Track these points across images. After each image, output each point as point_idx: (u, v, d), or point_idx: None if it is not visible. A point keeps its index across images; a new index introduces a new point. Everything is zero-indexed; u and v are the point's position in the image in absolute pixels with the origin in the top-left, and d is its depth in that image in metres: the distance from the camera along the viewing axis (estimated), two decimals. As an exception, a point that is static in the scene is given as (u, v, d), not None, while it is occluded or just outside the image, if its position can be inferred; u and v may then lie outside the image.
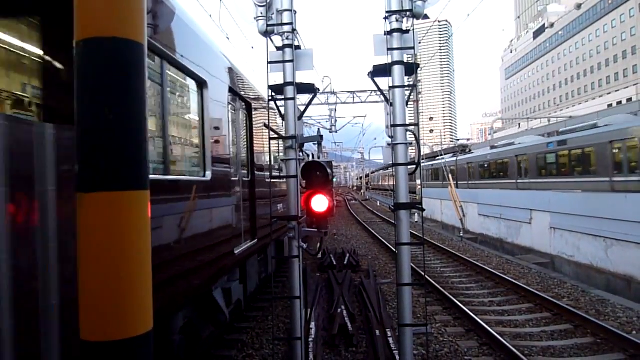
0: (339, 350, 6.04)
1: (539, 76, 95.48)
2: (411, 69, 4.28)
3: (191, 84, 4.31)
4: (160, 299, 3.00)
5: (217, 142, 4.84)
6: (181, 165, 4.19)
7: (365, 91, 24.99)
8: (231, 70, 5.58)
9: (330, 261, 11.44)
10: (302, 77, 4.42)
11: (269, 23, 4.15)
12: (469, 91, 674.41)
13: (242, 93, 6.05)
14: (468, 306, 7.75)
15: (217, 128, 4.87)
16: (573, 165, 16.57)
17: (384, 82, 4.25)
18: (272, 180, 7.54)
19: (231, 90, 5.48)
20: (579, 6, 68.26)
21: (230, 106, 5.43)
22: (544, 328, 6.90)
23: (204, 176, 4.40)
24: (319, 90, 4.85)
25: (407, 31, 4.03)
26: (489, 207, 17.66)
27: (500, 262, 12.27)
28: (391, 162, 4.07)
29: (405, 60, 4.09)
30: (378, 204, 41.11)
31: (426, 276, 9.66)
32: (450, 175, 23.13)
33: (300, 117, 4.37)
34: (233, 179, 5.42)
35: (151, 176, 1.66)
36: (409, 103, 4.31)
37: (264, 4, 4.12)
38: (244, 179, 6.03)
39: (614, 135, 14.29)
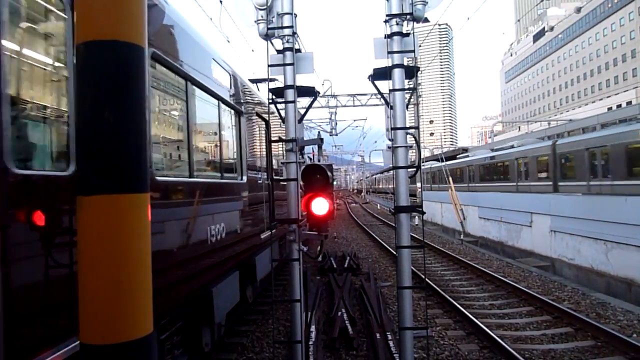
0: (340, 353, 6.03)
1: (539, 79, 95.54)
2: (411, 72, 4.29)
3: None
4: None
5: None
6: None
7: (365, 94, 24.98)
8: None
9: (330, 264, 11.43)
10: (302, 80, 4.43)
11: (269, 26, 4.16)
12: (469, 94, 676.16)
13: None
14: (468, 309, 7.74)
15: None
16: (499, 173, 24.73)
17: (384, 85, 4.26)
18: None
19: None
20: (578, 9, 68.42)
21: None
22: (545, 331, 6.88)
23: None
24: (319, 93, 4.85)
25: (407, 34, 4.04)
26: (489, 210, 17.74)
27: (501, 265, 12.26)
28: (391, 165, 4.07)
29: (405, 63, 4.10)
30: (378, 207, 41.09)
31: (426, 279, 9.65)
32: (450, 178, 23.49)
33: (300, 120, 4.38)
34: None
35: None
36: (409, 106, 4.31)
37: (265, 7, 4.13)
38: None
39: (518, 155, 22.03)
